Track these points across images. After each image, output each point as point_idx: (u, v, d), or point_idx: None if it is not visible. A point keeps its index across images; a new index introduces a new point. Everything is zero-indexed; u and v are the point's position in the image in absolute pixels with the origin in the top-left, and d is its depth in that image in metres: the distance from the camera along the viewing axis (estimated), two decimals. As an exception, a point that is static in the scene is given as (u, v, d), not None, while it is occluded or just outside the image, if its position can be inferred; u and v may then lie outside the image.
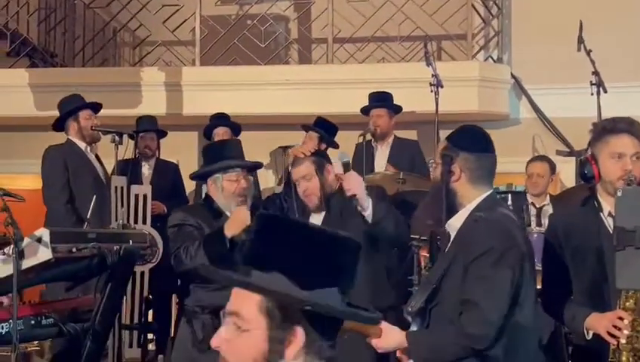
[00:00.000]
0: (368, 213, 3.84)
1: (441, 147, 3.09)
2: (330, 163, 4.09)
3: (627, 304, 3.07)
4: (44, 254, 3.24)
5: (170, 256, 4.03)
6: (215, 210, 4.14)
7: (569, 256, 3.35)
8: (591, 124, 3.41)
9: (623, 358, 3.05)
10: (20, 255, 3.17)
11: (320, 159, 4.04)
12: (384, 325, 2.85)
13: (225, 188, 4.09)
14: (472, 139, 3.10)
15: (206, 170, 4.22)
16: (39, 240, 3.24)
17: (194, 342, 3.98)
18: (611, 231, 3.12)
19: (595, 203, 3.31)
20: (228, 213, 4.08)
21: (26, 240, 3.24)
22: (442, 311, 2.94)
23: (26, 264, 3.23)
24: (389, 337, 2.86)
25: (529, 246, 3.02)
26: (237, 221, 3.90)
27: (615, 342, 3.05)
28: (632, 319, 3.03)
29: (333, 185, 4.03)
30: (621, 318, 3.03)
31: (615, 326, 3.04)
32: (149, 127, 6.81)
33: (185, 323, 4.07)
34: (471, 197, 3.01)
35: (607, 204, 3.26)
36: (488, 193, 3.05)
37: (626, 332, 3.02)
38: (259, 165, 4.59)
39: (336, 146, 6.65)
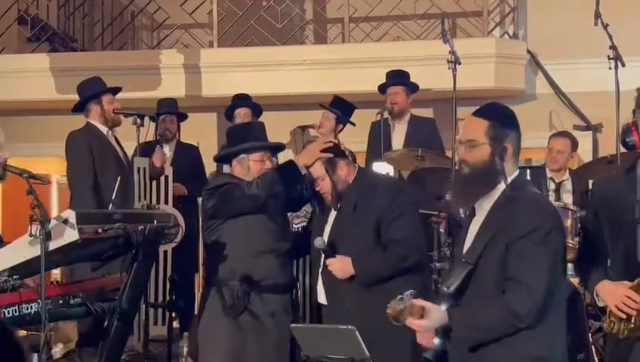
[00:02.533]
0: None
1: (483, 127, 2.99)
2: (345, 156, 4.06)
3: None
4: (71, 235, 3.23)
5: (230, 202, 4.03)
6: None
7: (606, 226, 3.28)
8: (636, 89, 3.24)
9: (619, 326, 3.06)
10: (47, 236, 3.17)
11: (331, 158, 4.01)
12: (427, 304, 2.83)
13: (251, 168, 4.12)
14: (513, 118, 3.06)
15: (232, 150, 4.22)
16: (65, 221, 3.24)
17: (224, 308, 4.04)
18: None
19: (638, 171, 3.19)
20: None
21: (53, 221, 3.23)
22: (479, 290, 2.91)
23: (53, 245, 3.22)
24: (433, 315, 2.83)
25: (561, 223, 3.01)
26: (310, 151, 4.02)
27: (623, 316, 3.05)
28: None
29: (348, 180, 4.01)
30: (632, 299, 3.02)
31: (625, 304, 3.03)
32: (169, 110, 6.79)
33: (214, 293, 4.11)
34: (509, 176, 2.99)
35: None
36: (517, 172, 3.03)
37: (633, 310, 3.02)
38: (282, 147, 4.60)
39: (353, 124, 6.63)
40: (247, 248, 4.06)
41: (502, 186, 2.98)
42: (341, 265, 3.89)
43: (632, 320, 3.05)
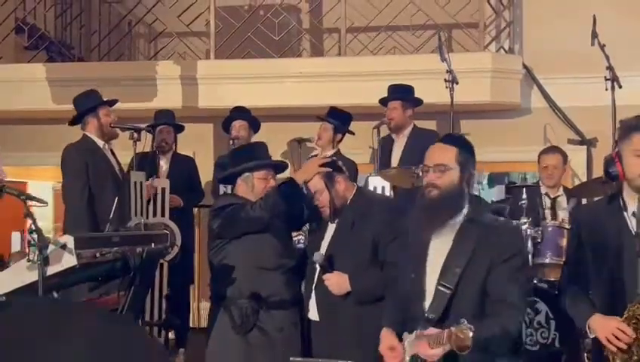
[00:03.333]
0: None
1: (453, 153, 3.16)
2: (343, 172, 4.07)
3: (637, 310, 3.04)
4: (69, 260, 3.22)
5: (236, 223, 4.10)
6: None
7: (590, 253, 3.32)
8: (618, 121, 3.37)
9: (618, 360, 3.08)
10: (45, 261, 3.15)
11: (329, 172, 4.06)
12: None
13: (255, 186, 4.22)
14: (474, 149, 3.25)
15: (237, 170, 4.29)
16: (64, 246, 3.22)
17: (233, 327, 4.09)
18: (633, 232, 3.09)
19: (621, 201, 3.25)
20: None
21: (51, 246, 3.22)
22: (459, 313, 2.96)
23: (51, 270, 3.21)
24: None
25: None
26: (309, 168, 4.11)
27: (614, 349, 3.07)
28: (634, 338, 3.02)
29: (346, 196, 4.04)
30: (622, 331, 3.02)
31: (615, 336, 3.04)
32: (166, 121, 6.77)
33: (223, 313, 4.16)
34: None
35: (632, 203, 3.21)
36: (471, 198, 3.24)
37: (623, 344, 3.04)
38: (285, 165, 4.65)
39: (352, 133, 6.63)
40: (252, 266, 4.13)
41: (465, 211, 3.12)
42: (338, 281, 3.92)
43: (635, 352, 3.05)
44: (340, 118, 6.55)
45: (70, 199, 5.53)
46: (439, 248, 3.13)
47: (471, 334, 2.73)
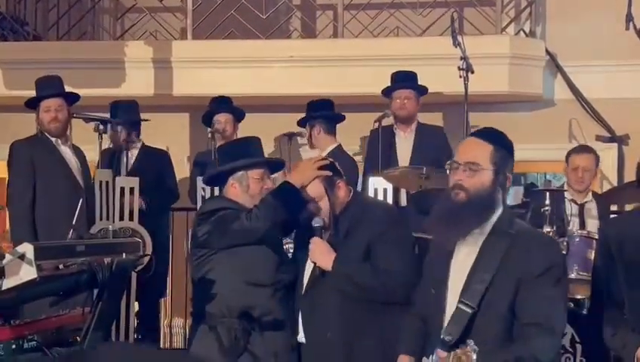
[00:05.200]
0: None
1: (488, 151, 3.11)
2: (342, 177, 4.09)
3: None
4: (28, 273, 3.18)
5: (227, 234, 4.06)
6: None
7: (622, 270, 3.34)
8: None
9: None
10: (0, 274, 3.13)
11: (330, 177, 4.05)
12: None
13: (250, 187, 4.19)
14: (513, 148, 3.21)
15: (227, 168, 4.25)
16: (22, 256, 3.19)
17: (220, 350, 4.03)
18: None
19: None
20: None
21: (7, 257, 3.19)
22: (483, 336, 2.95)
23: (7, 284, 3.18)
24: None
25: None
26: (305, 169, 4.06)
27: None
28: None
29: (344, 202, 4.06)
30: None
31: None
32: (127, 119, 6.62)
33: (207, 331, 4.10)
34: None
35: None
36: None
37: None
38: (282, 164, 4.68)
39: (341, 118, 6.66)
40: (244, 281, 4.08)
41: (495, 217, 3.08)
42: (322, 250, 3.93)
43: None
44: (317, 108, 6.59)
45: (10, 199, 5.58)
46: (463, 260, 3.10)
47: (474, 356, 2.71)
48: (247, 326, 4.06)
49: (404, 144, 6.41)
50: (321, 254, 3.94)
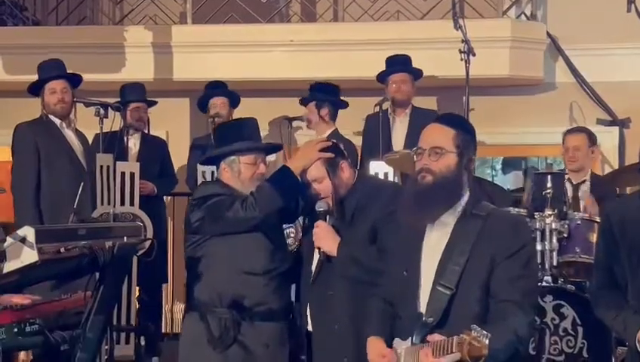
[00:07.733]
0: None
1: (450, 135, 3.18)
2: (345, 157, 4.04)
3: None
4: (29, 256, 3.19)
5: (220, 221, 3.99)
6: None
7: (625, 253, 3.35)
8: None
9: None
10: (2, 257, 3.14)
11: (332, 158, 3.97)
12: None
13: (242, 172, 4.10)
14: (474, 132, 3.28)
15: (223, 151, 4.17)
16: (23, 240, 3.20)
17: (210, 340, 3.98)
18: None
19: None
20: None
21: (9, 240, 3.20)
22: (462, 315, 3.04)
23: (9, 267, 3.19)
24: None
25: None
26: (307, 153, 3.99)
27: None
28: None
29: (349, 184, 4.00)
30: None
31: None
32: (137, 98, 6.73)
33: (197, 320, 4.05)
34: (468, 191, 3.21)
35: None
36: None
37: None
38: (278, 147, 4.61)
39: (345, 106, 6.65)
40: (237, 269, 4.02)
41: (464, 201, 3.17)
42: (326, 235, 3.89)
43: None
44: (325, 91, 6.58)
45: (15, 183, 5.58)
46: (435, 243, 3.16)
47: (487, 342, 2.74)
48: (238, 316, 3.98)
49: (399, 129, 6.43)
50: (325, 239, 3.89)
